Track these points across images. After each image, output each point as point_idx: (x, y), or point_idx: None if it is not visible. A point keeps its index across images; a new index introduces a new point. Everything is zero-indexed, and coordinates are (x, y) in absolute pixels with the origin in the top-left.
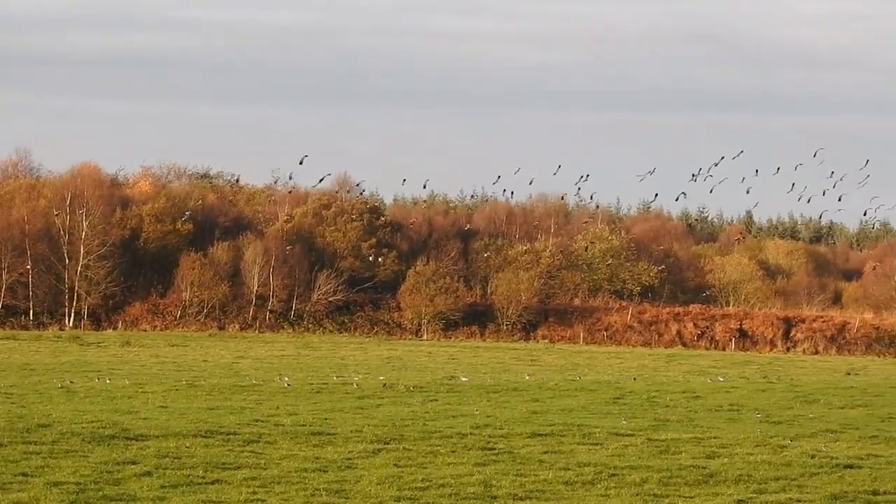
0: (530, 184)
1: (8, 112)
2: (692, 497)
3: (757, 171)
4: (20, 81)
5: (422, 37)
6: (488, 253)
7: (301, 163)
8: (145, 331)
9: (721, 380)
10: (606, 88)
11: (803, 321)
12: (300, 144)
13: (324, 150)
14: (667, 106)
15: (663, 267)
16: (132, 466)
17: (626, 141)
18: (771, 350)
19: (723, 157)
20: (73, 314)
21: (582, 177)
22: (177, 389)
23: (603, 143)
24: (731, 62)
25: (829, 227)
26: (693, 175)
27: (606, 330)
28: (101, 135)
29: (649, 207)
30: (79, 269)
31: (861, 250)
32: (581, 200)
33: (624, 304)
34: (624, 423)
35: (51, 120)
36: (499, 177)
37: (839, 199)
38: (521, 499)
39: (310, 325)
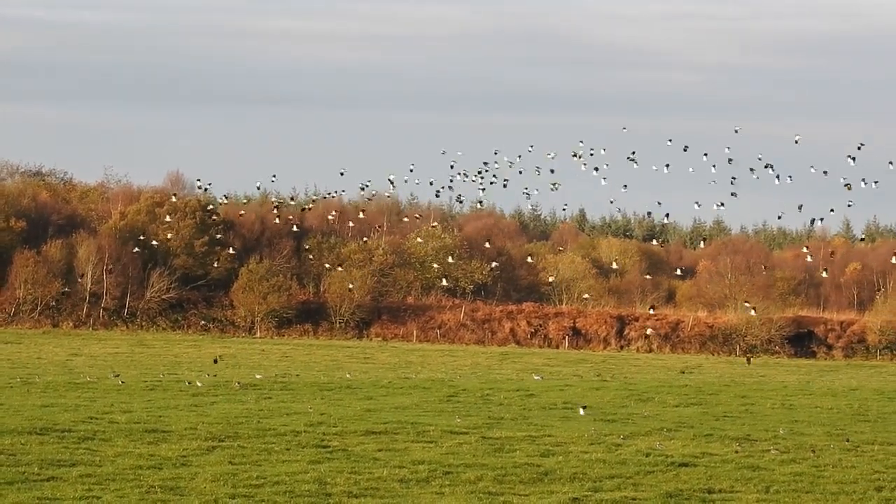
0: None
1: None
2: (527, 495)
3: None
4: None
5: (253, 37)
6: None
7: None
8: None
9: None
10: (430, 89)
11: (637, 319)
12: (131, 143)
13: (155, 149)
14: (492, 106)
15: (497, 265)
16: None
17: (457, 141)
18: (605, 348)
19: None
20: None
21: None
22: (11, 387)
23: (431, 142)
24: (553, 63)
25: (663, 226)
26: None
27: (440, 328)
28: None
29: (481, 205)
30: None
31: (695, 249)
32: (413, 198)
33: (457, 302)
34: (458, 420)
35: None
36: (341, 173)
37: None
38: (355, 496)
39: (143, 323)
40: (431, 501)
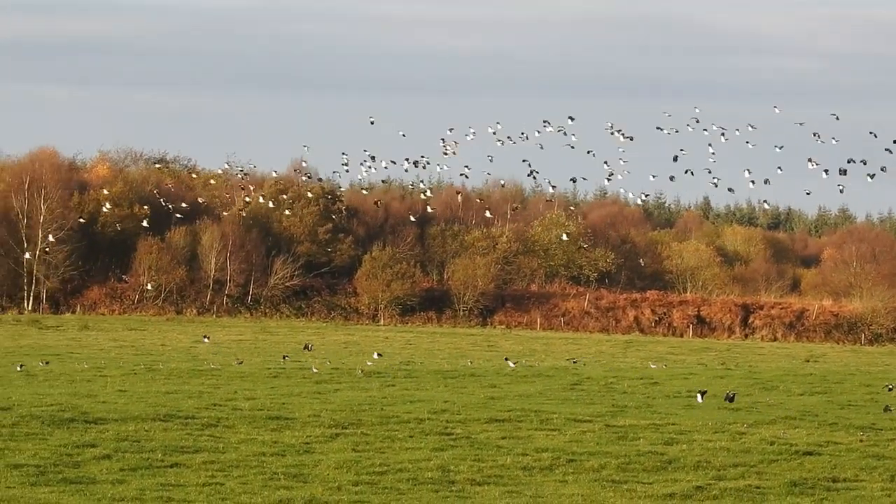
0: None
1: None
2: (651, 483)
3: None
4: None
5: (367, 22)
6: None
7: None
8: (104, 315)
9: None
10: (543, 74)
11: (761, 308)
12: (255, 130)
13: (279, 136)
14: (602, 92)
15: (621, 259)
16: (92, 449)
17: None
18: (729, 337)
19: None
20: (31, 298)
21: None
22: (135, 373)
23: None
24: (664, 49)
25: (788, 214)
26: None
27: (563, 316)
28: (58, 120)
29: (606, 193)
30: (37, 252)
31: (819, 237)
32: (538, 187)
33: (581, 289)
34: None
35: (8, 105)
36: (466, 167)
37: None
38: (479, 484)
39: (267, 310)
40: (555, 489)
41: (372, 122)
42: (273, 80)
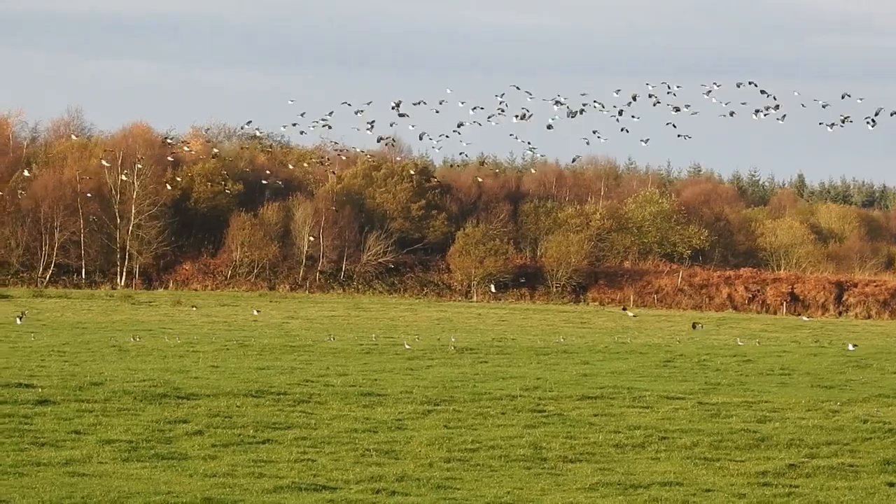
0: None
1: (60, 72)
2: (743, 461)
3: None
4: (68, 43)
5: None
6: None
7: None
8: (196, 290)
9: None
10: (626, 55)
11: (855, 285)
12: (346, 108)
13: (372, 114)
14: (688, 72)
15: (715, 236)
16: (184, 425)
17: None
18: (823, 314)
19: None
20: (124, 273)
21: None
22: (227, 349)
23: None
24: (754, 30)
25: (882, 192)
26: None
27: (657, 293)
28: (152, 96)
29: (700, 171)
30: (130, 228)
31: None
32: (631, 163)
33: (674, 267)
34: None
35: (102, 81)
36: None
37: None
38: (571, 461)
39: (360, 286)
40: (647, 466)
41: (292, 102)
42: (359, 58)
